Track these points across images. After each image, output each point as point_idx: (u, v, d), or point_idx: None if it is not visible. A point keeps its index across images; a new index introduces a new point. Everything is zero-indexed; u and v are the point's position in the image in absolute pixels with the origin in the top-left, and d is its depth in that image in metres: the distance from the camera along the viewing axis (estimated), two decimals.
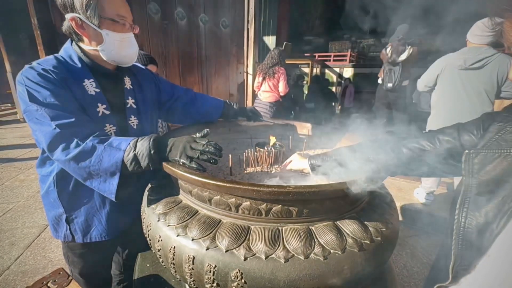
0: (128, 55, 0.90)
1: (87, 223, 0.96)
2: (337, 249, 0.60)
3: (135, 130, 0.98)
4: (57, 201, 0.91)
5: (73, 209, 0.94)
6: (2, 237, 2.15)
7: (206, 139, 0.75)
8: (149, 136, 0.75)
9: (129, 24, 0.87)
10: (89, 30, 0.81)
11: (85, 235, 0.98)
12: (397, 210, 0.81)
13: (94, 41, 0.83)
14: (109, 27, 0.82)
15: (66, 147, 0.73)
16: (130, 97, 0.98)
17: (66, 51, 0.86)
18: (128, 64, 0.94)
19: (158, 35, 2.92)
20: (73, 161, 0.73)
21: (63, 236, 0.97)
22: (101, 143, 0.73)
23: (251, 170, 0.96)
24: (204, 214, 0.70)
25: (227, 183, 0.60)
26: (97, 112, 0.86)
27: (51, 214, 0.96)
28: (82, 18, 0.79)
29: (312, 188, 0.57)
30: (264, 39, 6.72)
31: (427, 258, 2.01)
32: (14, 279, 1.73)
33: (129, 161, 0.72)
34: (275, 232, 0.62)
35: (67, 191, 0.91)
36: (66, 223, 0.95)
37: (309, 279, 0.56)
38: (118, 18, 0.83)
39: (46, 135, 0.73)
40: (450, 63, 2.18)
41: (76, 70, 0.83)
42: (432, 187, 2.45)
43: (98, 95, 0.86)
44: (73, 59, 0.85)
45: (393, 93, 3.86)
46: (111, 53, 0.86)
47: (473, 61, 2.04)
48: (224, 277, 0.58)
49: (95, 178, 0.76)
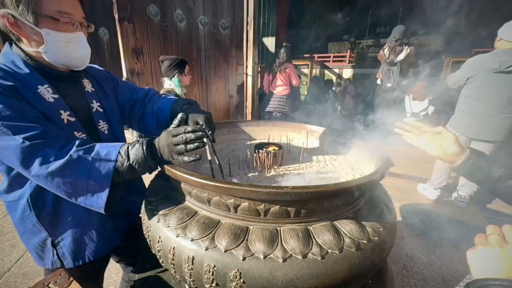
0: (78, 57, 0.79)
1: (76, 244, 0.87)
2: (334, 249, 0.60)
3: (106, 136, 0.89)
4: (37, 225, 0.81)
5: (58, 230, 0.84)
6: (3, 239, 2.15)
7: (182, 127, 0.70)
8: (140, 143, 0.70)
9: (78, 23, 0.75)
10: (25, 29, 0.70)
11: (76, 258, 0.88)
12: (394, 210, 0.82)
13: (34, 41, 0.71)
14: (49, 25, 0.69)
15: (44, 160, 0.64)
16: (94, 100, 0.88)
17: (6, 57, 0.73)
18: (79, 68, 0.83)
19: (158, 37, 2.93)
20: (57, 176, 0.65)
21: (51, 263, 0.87)
22: (87, 154, 0.66)
23: (247, 172, 0.97)
24: (204, 215, 0.70)
25: (225, 184, 0.61)
26: (61, 120, 0.76)
27: (33, 242, 0.85)
28: (14, 15, 0.66)
29: (309, 189, 0.58)
30: (264, 40, 6.74)
31: (427, 258, 2.01)
32: (15, 280, 1.74)
33: (124, 171, 0.69)
34: (273, 232, 0.63)
35: (47, 211, 0.81)
36: (53, 247, 0.85)
37: (307, 279, 0.57)
38: (60, 15, 0.70)
39: (15, 151, 0.63)
40: (484, 65, 2.04)
41: (25, 77, 0.71)
42: (443, 182, 2.40)
43: (58, 101, 0.76)
44: (18, 64, 0.72)
45: (392, 93, 3.88)
46: (56, 56, 0.74)
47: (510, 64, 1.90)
48: (223, 277, 0.59)
49: (82, 193, 0.68)
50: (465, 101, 2.23)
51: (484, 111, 2.09)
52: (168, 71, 2.17)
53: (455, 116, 2.35)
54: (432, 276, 1.84)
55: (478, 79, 2.10)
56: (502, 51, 1.98)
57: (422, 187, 2.65)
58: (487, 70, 2.02)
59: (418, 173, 3.09)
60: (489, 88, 2.05)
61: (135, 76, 2.82)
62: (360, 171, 0.98)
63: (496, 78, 1.99)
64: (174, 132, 0.70)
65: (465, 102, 2.23)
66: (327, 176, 0.94)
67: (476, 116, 2.15)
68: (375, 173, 0.69)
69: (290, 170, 0.99)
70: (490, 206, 2.61)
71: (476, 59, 2.13)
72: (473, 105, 2.16)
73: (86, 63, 0.84)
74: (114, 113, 0.95)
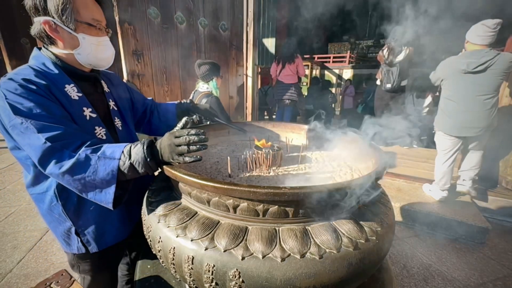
0: (105, 58, 0.91)
1: (99, 230, 0.94)
2: (332, 248, 0.61)
3: (121, 131, 0.98)
4: (63, 215, 0.89)
5: (81, 219, 0.91)
6: (5, 241, 2.16)
7: (186, 129, 0.74)
8: (142, 143, 0.74)
9: (104, 28, 0.88)
10: (63, 33, 0.80)
11: (100, 243, 0.96)
12: (392, 210, 0.82)
13: (70, 44, 0.82)
14: (85, 31, 0.82)
15: (59, 160, 0.70)
16: (110, 99, 0.98)
17: (37, 59, 0.83)
18: (105, 67, 0.94)
19: (158, 39, 2.94)
20: (67, 174, 0.71)
21: (76, 249, 0.95)
22: (94, 153, 0.72)
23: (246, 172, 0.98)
24: (203, 215, 0.71)
25: (225, 184, 0.61)
26: (84, 116, 0.84)
27: (59, 230, 0.93)
28: (56, 22, 0.77)
29: (306, 189, 0.58)
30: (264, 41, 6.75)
31: (427, 259, 2.02)
32: (17, 281, 1.75)
33: (126, 170, 0.72)
34: (272, 232, 0.64)
35: (72, 202, 0.88)
36: (77, 236, 0.93)
37: (305, 278, 0.58)
38: (94, 22, 0.83)
39: (36, 149, 0.70)
40: (453, 67, 2.21)
41: (54, 77, 0.81)
42: (447, 183, 2.46)
43: (82, 99, 0.85)
44: (48, 66, 0.82)
45: (392, 94, 3.88)
46: (88, 57, 0.85)
47: (476, 65, 2.06)
48: (222, 276, 0.60)
49: (91, 189, 0.74)
50: (443, 102, 2.38)
51: (460, 110, 2.24)
52: (206, 75, 2.24)
53: (438, 116, 2.48)
54: (432, 277, 1.84)
55: (450, 80, 2.27)
56: (469, 53, 2.14)
57: (428, 187, 2.65)
58: (456, 72, 2.19)
59: (418, 173, 3.09)
60: (460, 88, 2.21)
61: (136, 78, 2.84)
62: (358, 171, 0.99)
63: (465, 78, 2.16)
64: (177, 133, 0.73)
65: (443, 102, 2.38)
66: (326, 176, 0.94)
67: (454, 115, 2.29)
68: (372, 173, 0.70)
69: (289, 170, 1.00)
70: (490, 206, 2.61)
71: (447, 61, 2.31)
72: (450, 105, 2.31)
73: (111, 63, 0.94)
74: (126, 111, 1.05)
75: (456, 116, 2.27)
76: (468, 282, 1.80)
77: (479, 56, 2.07)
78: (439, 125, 2.44)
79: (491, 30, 2.04)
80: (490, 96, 2.13)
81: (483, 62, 2.05)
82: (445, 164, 2.43)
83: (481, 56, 2.06)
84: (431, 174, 2.70)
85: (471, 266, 1.95)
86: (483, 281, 1.81)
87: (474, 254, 2.09)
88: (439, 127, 2.44)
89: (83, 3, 0.80)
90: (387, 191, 0.90)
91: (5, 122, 0.72)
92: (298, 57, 4.23)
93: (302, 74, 4.39)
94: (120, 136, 0.97)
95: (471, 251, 2.12)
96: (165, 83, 3.13)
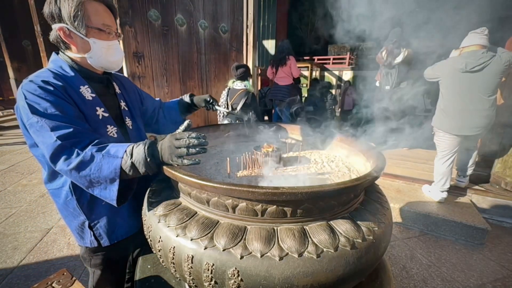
0: (115, 61, 0.95)
1: (110, 225, 0.99)
2: (330, 247, 0.62)
3: (131, 130, 1.03)
4: (77, 209, 0.93)
5: (94, 213, 0.95)
6: (5, 242, 2.17)
7: (187, 132, 0.76)
8: (144, 143, 0.77)
9: (114, 32, 0.92)
10: (76, 39, 0.85)
11: (111, 237, 1.00)
12: (390, 210, 0.83)
13: (82, 49, 0.87)
14: (95, 35, 0.86)
15: (67, 157, 0.75)
16: (121, 100, 1.03)
17: (55, 63, 0.89)
18: (115, 70, 0.99)
19: (159, 41, 2.96)
20: (74, 171, 0.75)
21: (89, 243, 0.99)
22: (99, 152, 0.75)
23: (245, 173, 0.99)
24: (203, 215, 0.72)
25: (224, 184, 0.63)
26: (97, 115, 0.89)
27: (74, 224, 0.97)
28: (70, 28, 0.83)
29: (304, 189, 0.60)
30: (264, 43, 6.79)
31: (426, 260, 2.02)
32: (17, 282, 1.75)
33: (127, 168, 0.75)
34: (270, 232, 0.65)
35: (85, 196, 0.92)
36: (90, 229, 0.97)
37: (302, 276, 0.59)
38: (104, 27, 0.87)
39: (48, 147, 0.75)
40: (452, 66, 2.29)
41: (70, 79, 0.86)
42: (446, 184, 2.49)
43: (95, 99, 0.90)
44: (65, 68, 0.88)
45: (391, 95, 3.89)
46: (99, 60, 0.90)
47: (474, 65, 2.15)
48: (221, 275, 0.61)
49: (96, 186, 0.78)
50: (442, 101, 2.43)
51: (459, 109, 2.30)
52: (243, 75, 2.94)
53: (436, 115, 2.51)
54: (432, 277, 1.85)
55: (448, 79, 2.34)
56: (467, 53, 2.24)
57: (427, 189, 2.66)
58: (455, 71, 2.26)
59: (418, 174, 3.10)
60: (459, 87, 2.28)
61: (136, 80, 2.85)
62: (356, 172, 1.00)
63: (463, 77, 2.23)
64: (178, 136, 0.75)
65: (442, 102, 2.43)
66: (324, 177, 0.95)
67: (454, 114, 2.34)
68: (369, 174, 0.71)
69: (288, 171, 1.01)
70: (490, 207, 2.61)
71: (447, 61, 2.39)
72: (449, 104, 2.36)
73: (120, 65, 1.00)
74: (136, 112, 1.10)
75: (456, 115, 2.31)
76: (468, 283, 1.80)
77: (477, 57, 2.14)
78: (439, 125, 2.46)
79: (482, 35, 2.19)
80: (488, 95, 2.19)
81: (480, 63, 2.12)
82: (445, 165, 2.44)
83: (479, 57, 2.13)
84: (431, 175, 2.70)
85: (470, 267, 1.95)
86: (483, 282, 1.81)
87: (474, 255, 2.09)
88: (439, 126, 2.46)
89: (93, 10, 0.84)
90: (387, 192, 0.91)
91: (24, 121, 0.78)
92: (291, 59, 4.23)
93: (296, 75, 4.39)
94: (130, 135, 1.01)
95: (471, 252, 2.13)
96: (165, 85, 3.14)
